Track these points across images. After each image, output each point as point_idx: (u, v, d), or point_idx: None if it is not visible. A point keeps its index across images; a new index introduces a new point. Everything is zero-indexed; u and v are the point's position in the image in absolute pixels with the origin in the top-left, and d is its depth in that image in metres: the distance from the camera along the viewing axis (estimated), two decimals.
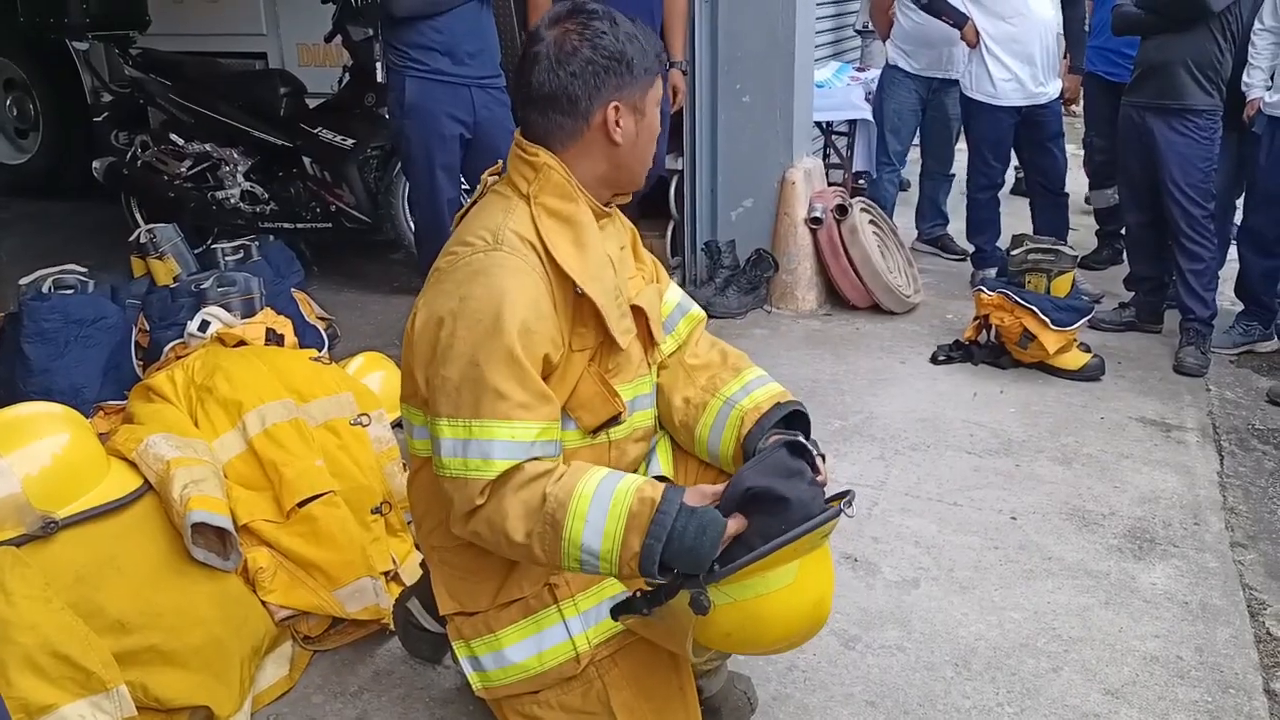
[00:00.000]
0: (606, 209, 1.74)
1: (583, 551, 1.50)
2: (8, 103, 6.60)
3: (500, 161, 1.77)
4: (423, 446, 1.76)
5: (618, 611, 1.63)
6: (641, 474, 1.87)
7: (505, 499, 1.51)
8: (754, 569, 1.46)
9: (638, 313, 1.78)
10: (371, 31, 4.21)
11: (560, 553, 1.51)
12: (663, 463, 1.89)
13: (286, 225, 4.83)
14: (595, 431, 1.67)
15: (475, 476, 1.52)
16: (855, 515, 2.86)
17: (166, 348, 3.01)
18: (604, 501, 1.50)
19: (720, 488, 1.56)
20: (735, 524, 1.48)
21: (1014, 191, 5.95)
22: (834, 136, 6.07)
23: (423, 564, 2.22)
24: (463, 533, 1.57)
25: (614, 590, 1.75)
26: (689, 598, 1.46)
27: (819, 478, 1.59)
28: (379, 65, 3.97)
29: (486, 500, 1.53)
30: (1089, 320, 4.01)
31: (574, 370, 1.66)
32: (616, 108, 1.63)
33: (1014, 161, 5.25)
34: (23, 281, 3.32)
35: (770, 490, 1.50)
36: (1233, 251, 4.38)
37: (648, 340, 1.80)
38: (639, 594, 1.55)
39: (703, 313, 2.04)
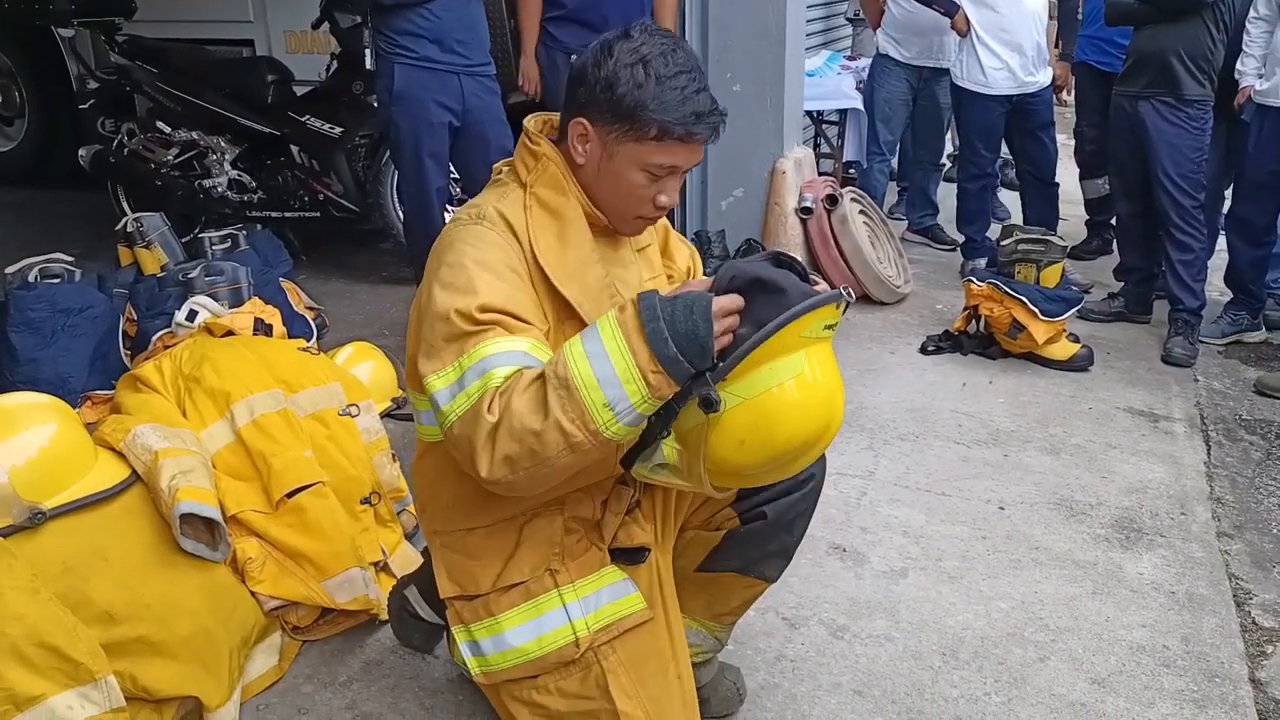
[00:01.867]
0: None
1: (603, 386, 1.40)
2: None
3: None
4: (427, 432, 1.75)
5: (630, 459, 1.55)
6: None
7: (513, 402, 1.43)
8: (759, 359, 1.42)
9: None
10: (359, 19, 4.19)
11: (586, 406, 1.40)
12: (666, 451, 1.88)
13: (274, 214, 4.81)
14: None
15: (479, 395, 1.45)
16: (841, 498, 2.89)
17: (154, 337, 3.01)
18: (594, 333, 1.45)
19: (707, 280, 1.53)
20: (728, 300, 1.44)
21: (1003, 184, 5.96)
22: (825, 126, 6.06)
23: (424, 552, 2.22)
24: (496, 474, 1.44)
25: (614, 578, 1.76)
26: (699, 402, 1.42)
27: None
28: (367, 53, 3.95)
29: (499, 415, 1.43)
30: (1078, 311, 4.02)
31: None
32: (582, 124, 1.62)
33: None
34: (9, 270, 3.30)
35: (762, 277, 1.45)
36: (1221, 241, 4.39)
37: None
38: (652, 417, 1.48)
39: None
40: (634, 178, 1.63)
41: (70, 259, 3.40)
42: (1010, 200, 5.51)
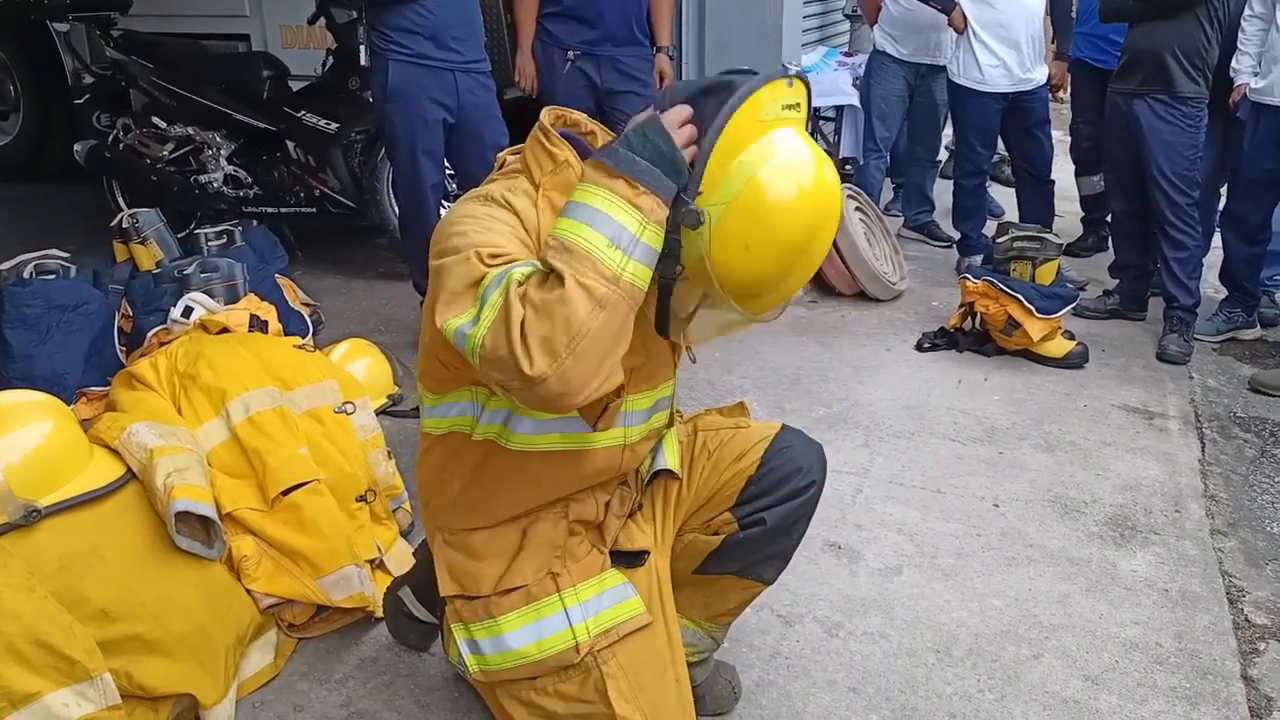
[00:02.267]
0: None
1: (599, 229, 1.37)
2: None
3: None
4: (432, 426, 1.75)
5: (663, 324, 1.54)
6: (647, 469, 1.87)
7: (529, 292, 1.36)
8: (725, 157, 1.41)
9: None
10: (355, 14, 4.17)
11: (593, 254, 1.35)
12: (669, 457, 1.88)
13: (270, 210, 4.79)
14: (595, 422, 1.60)
15: (503, 300, 1.37)
16: (836, 496, 2.89)
17: (149, 334, 3.00)
18: (571, 201, 1.42)
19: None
20: (675, 111, 1.43)
21: (999, 181, 5.97)
22: (821, 122, 6.05)
23: (416, 553, 2.22)
24: (540, 366, 1.33)
25: (615, 582, 1.76)
26: (686, 222, 1.42)
27: None
28: (362, 48, 3.94)
29: (522, 310, 1.35)
30: (1073, 308, 4.03)
31: None
32: None
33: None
34: (3, 267, 3.29)
35: (708, 84, 1.45)
36: (1216, 239, 4.40)
37: (673, 346, 1.78)
38: (660, 263, 1.45)
39: None
40: None
41: (65, 255, 3.39)
42: (1006, 197, 5.52)
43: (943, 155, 5.54)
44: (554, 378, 1.33)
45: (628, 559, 1.79)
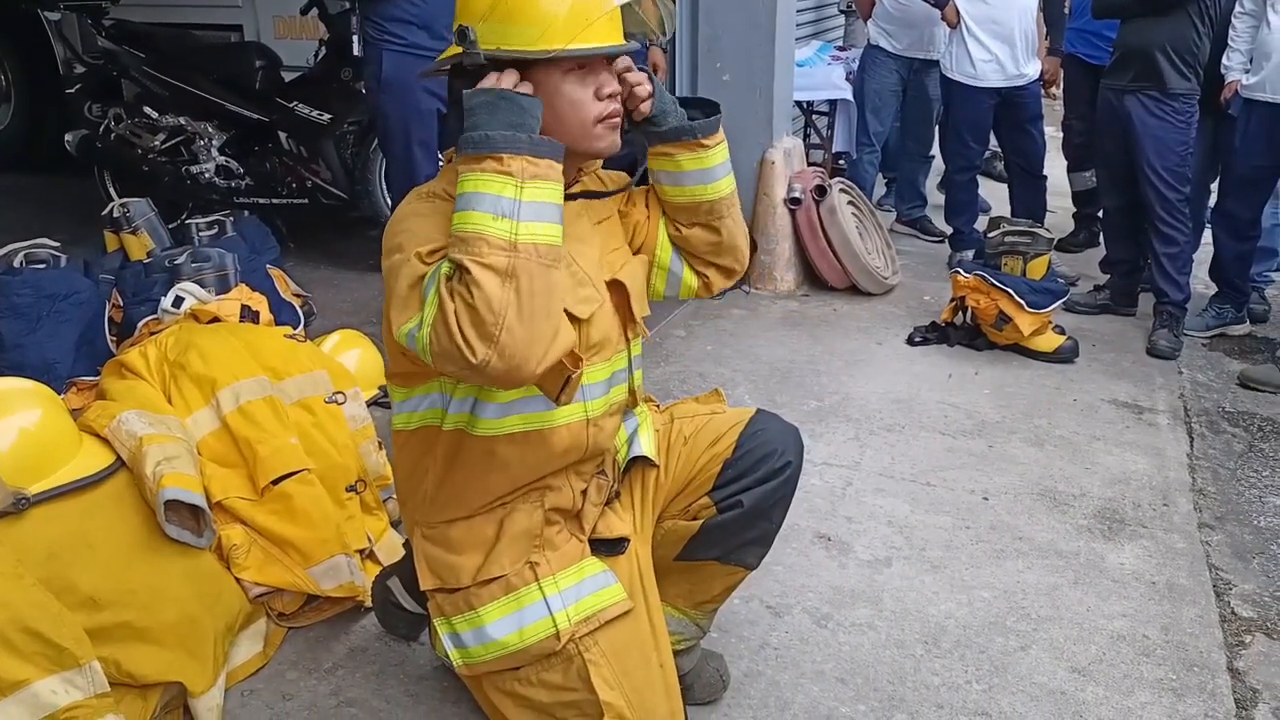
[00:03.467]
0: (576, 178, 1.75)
1: (483, 209, 1.43)
2: None
3: None
4: (403, 422, 1.76)
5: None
6: (624, 457, 1.88)
7: (455, 289, 1.42)
8: None
9: (616, 287, 1.78)
10: (348, 4, 4.17)
11: (483, 236, 1.42)
12: (645, 444, 1.89)
13: (262, 201, 4.79)
14: (558, 397, 1.62)
15: (438, 294, 1.43)
16: (826, 488, 2.90)
17: (140, 324, 2.99)
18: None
19: None
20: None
21: (991, 176, 5.98)
22: (814, 116, 6.06)
23: (406, 543, 2.23)
24: (482, 353, 1.39)
25: (595, 570, 1.76)
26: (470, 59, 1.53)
27: None
28: (355, 39, 3.93)
29: (455, 301, 1.41)
30: (1064, 303, 4.04)
31: None
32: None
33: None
34: None
35: None
36: (1207, 235, 4.41)
37: (628, 315, 1.79)
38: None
39: None
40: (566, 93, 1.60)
41: (56, 244, 3.38)
42: (998, 192, 5.53)
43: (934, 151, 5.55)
44: (496, 357, 1.40)
45: (608, 547, 1.80)
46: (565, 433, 1.70)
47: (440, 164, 3.96)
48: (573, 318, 1.64)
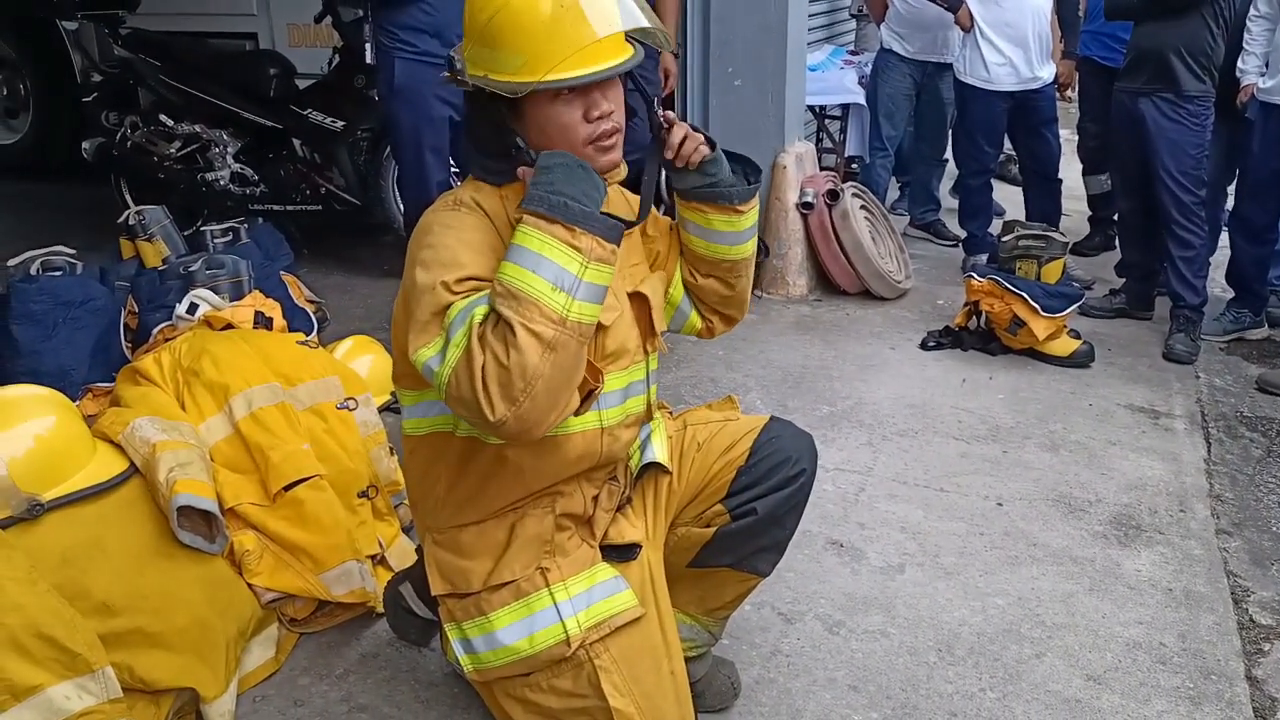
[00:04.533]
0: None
1: (540, 273, 1.43)
2: None
3: None
4: (414, 427, 1.76)
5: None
6: (636, 463, 1.89)
7: (487, 335, 1.43)
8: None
9: (637, 298, 1.79)
10: (361, 12, 4.18)
11: (537, 299, 1.42)
12: (658, 451, 1.89)
13: (276, 207, 4.81)
14: (579, 410, 1.61)
15: (466, 340, 1.43)
16: (839, 494, 2.89)
17: (155, 330, 3.01)
18: (513, 246, 1.47)
19: None
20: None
21: (1006, 180, 5.95)
22: (827, 121, 6.05)
23: (418, 549, 2.23)
24: (501, 412, 1.40)
25: (606, 576, 1.76)
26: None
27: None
28: (368, 47, 3.95)
29: (481, 355, 1.41)
30: (1079, 307, 4.02)
31: None
32: None
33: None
34: (11, 263, 3.29)
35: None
36: (1224, 238, 4.38)
37: (648, 328, 1.80)
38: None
39: None
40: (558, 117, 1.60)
41: (72, 252, 3.39)
42: (1013, 196, 5.50)
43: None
44: (513, 420, 1.42)
45: (619, 553, 1.80)
46: (580, 440, 1.70)
47: (452, 171, 3.99)
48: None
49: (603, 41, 1.54)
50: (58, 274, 3.26)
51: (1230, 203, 4.32)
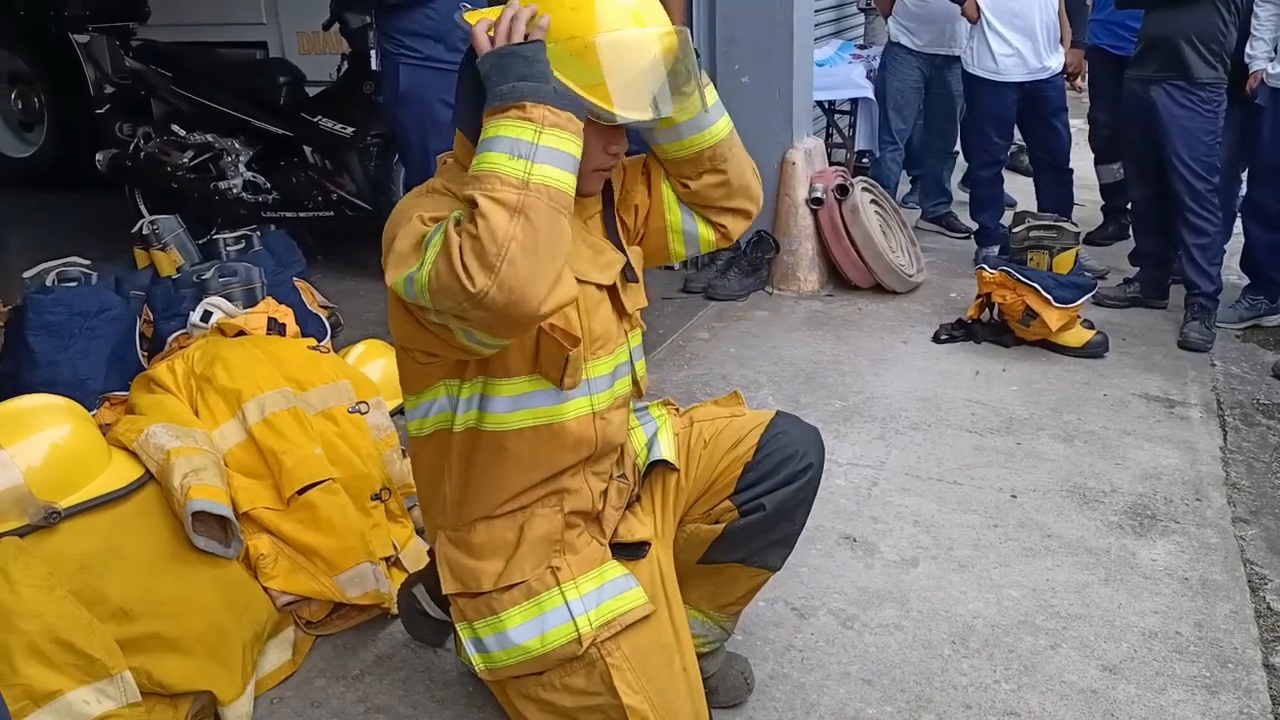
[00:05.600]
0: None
1: (499, 149, 1.45)
2: (13, 96, 6.61)
3: None
4: (417, 428, 1.77)
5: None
6: (644, 460, 1.90)
7: (463, 227, 1.43)
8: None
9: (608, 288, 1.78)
10: (369, 19, 4.21)
11: (496, 174, 1.44)
12: (665, 448, 1.90)
13: (289, 214, 4.85)
14: (561, 379, 1.65)
15: (443, 237, 1.43)
16: (851, 488, 2.89)
17: (170, 338, 3.05)
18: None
19: None
20: (483, 26, 1.53)
21: (1012, 167, 5.92)
22: (836, 116, 6.04)
23: (431, 551, 2.25)
24: (481, 281, 1.38)
25: (616, 574, 1.76)
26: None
27: None
28: (374, 53, 3.97)
29: (461, 236, 1.42)
30: (1093, 296, 4.00)
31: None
32: None
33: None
34: (27, 274, 3.34)
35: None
36: (1238, 225, 4.35)
37: (621, 310, 1.80)
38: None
39: None
40: None
41: (87, 262, 3.44)
42: (1024, 186, 5.48)
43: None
44: (495, 287, 1.38)
45: (629, 551, 1.80)
46: (574, 425, 1.71)
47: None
48: (599, 286, 1.69)
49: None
50: (73, 284, 3.30)
51: (1244, 189, 4.29)
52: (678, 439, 1.94)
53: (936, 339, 4.04)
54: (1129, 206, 4.75)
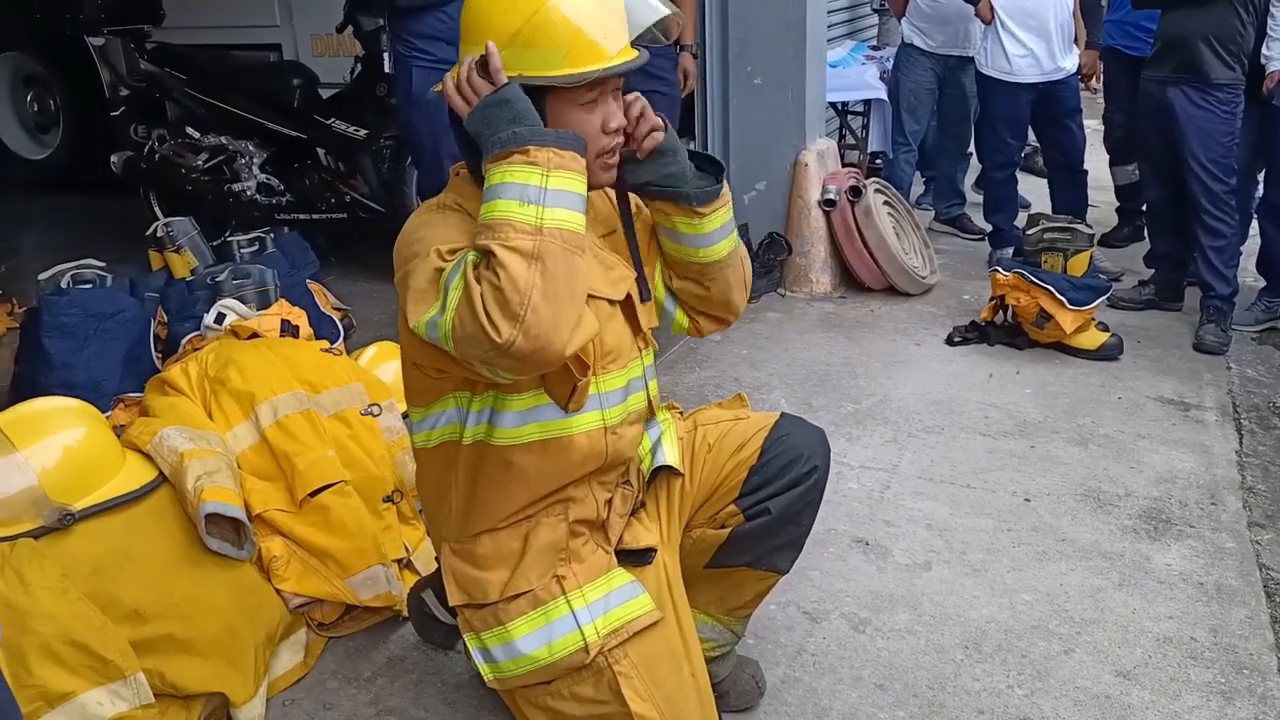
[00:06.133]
0: None
1: (509, 196, 1.45)
2: (28, 98, 6.66)
3: None
4: (424, 440, 1.77)
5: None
6: (648, 466, 1.89)
7: (482, 275, 1.43)
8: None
9: (624, 301, 1.78)
10: (382, 21, 4.22)
11: (510, 222, 1.44)
12: (669, 454, 1.89)
13: (302, 216, 4.86)
14: (567, 404, 1.65)
15: (463, 281, 1.43)
16: (864, 492, 2.88)
17: (184, 340, 3.07)
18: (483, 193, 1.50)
19: None
20: (465, 72, 1.54)
21: (1026, 168, 5.89)
22: (849, 117, 6.02)
23: (437, 559, 2.25)
24: (507, 333, 1.40)
25: (622, 581, 1.76)
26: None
27: None
28: (386, 55, 3.98)
29: (482, 285, 1.42)
30: (1108, 299, 3.98)
31: None
32: None
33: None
34: (42, 277, 3.36)
35: None
36: (1254, 227, 4.32)
37: (636, 326, 1.80)
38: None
39: None
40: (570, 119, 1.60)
41: (102, 264, 3.46)
42: (1039, 188, 5.45)
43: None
44: (521, 337, 1.40)
45: (635, 558, 1.79)
46: (584, 440, 1.70)
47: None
48: (610, 301, 1.68)
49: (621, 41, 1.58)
50: (88, 286, 3.32)
51: (1260, 190, 4.25)
52: (682, 443, 1.93)
53: (950, 341, 4.02)
54: (1144, 208, 4.73)
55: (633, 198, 1.82)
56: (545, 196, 1.45)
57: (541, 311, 1.41)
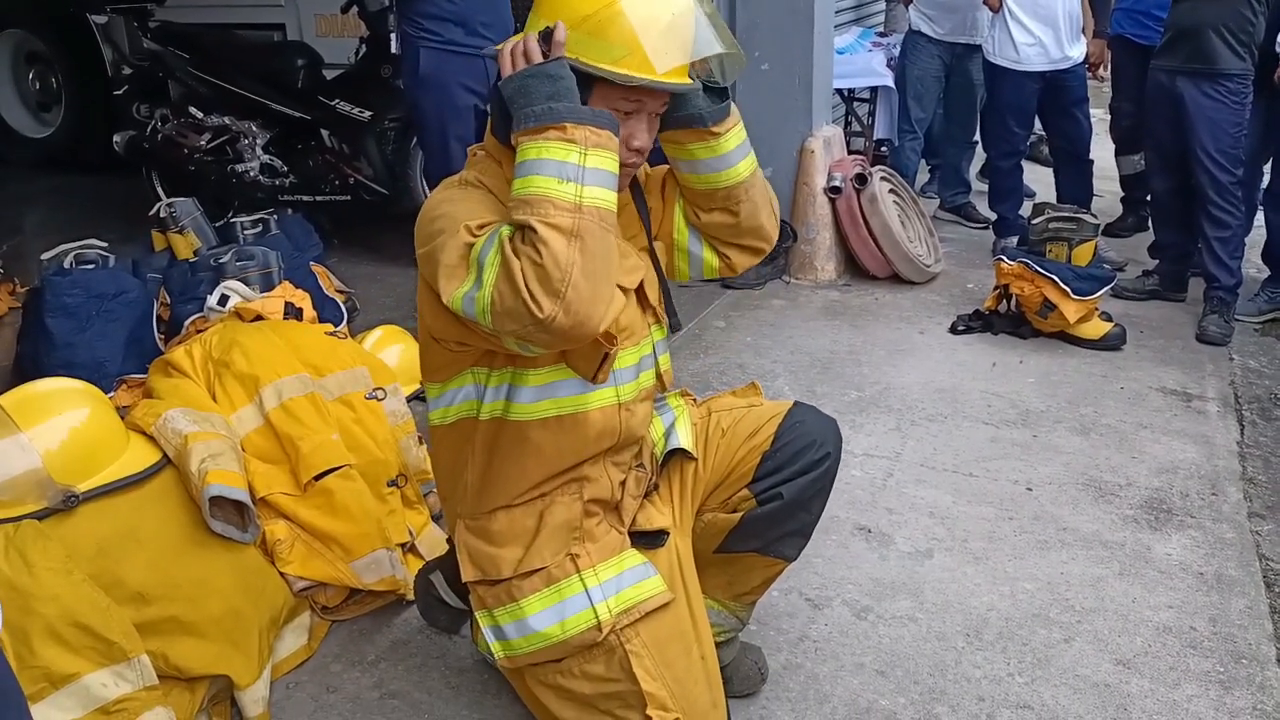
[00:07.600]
0: None
1: (548, 173, 1.46)
2: (30, 77, 6.63)
3: None
4: (440, 417, 1.77)
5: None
6: (661, 449, 1.90)
7: (520, 250, 1.44)
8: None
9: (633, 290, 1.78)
10: (387, 2, 4.20)
11: (549, 198, 1.45)
12: (683, 437, 1.90)
13: (306, 198, 4.85)
14: (595, 375, 1.66)
15: (499, 256, 1.44)
16: (867, 479, 2.88)
17: (187, 322, 3.06)
18: (515, 162, 1.50)
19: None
20: (514, 47, 1.55)
21: (1032, 157, 5.87)
22: (855, 104, 6.00)
23: (449, 540, 2.26)
24: (549, 308, 1.40)
25: (635, 562, 1.77)
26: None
27: None
28: (393, 36, 3.96)
29: (521, 260, 1.43)
30: (1111, 288, 3.97)
31: None
32: None
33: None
34: (45, 256, 3.35)
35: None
36: (1259, 218, 4.31)
37: (646, 304, 1.80)
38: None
39: None
40: None
41: (105, 245, 3.45)
42: (1044, 177, 5.44)
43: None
44: (561, 313, 1.42)
45: (647, 539, 1.81)
46: (599, 416, 1.71)
47: None
48: (622, 288, 1.68)
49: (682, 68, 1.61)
50: (91, 267, 3.31)
51: (1266, 181, 4.24)
52: (695, 429, 1.95)
53: (954, 330, 4.02)
54: (1149, 198, 4.72)
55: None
56: (584, 175, 1.47)
57: (581, 288, 1.42)
